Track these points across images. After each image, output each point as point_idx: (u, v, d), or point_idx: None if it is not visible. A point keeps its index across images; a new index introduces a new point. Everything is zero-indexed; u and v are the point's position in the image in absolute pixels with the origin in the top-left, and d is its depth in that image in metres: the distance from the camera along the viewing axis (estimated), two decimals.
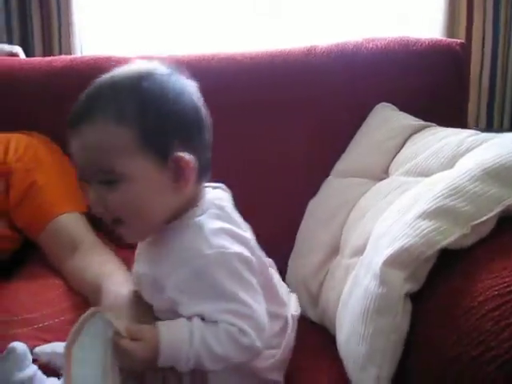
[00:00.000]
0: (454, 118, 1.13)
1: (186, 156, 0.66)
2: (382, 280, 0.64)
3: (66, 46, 1.55)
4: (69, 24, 1.56)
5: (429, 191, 0.72)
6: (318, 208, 1.07)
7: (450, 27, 1.39)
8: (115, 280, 0.87)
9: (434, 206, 0.67)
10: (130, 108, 0.64)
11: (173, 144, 0.65)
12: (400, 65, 1.15)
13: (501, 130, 1.38)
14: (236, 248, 0.66)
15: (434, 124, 1.04)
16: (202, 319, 0.64)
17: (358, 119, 1.14)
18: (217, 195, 0.72)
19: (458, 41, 1.19)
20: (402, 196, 0.80)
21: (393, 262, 0.65)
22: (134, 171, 0.64)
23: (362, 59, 1.17)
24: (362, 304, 0.67)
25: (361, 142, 1.09)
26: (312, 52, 1.19)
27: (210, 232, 0.66)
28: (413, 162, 0.92)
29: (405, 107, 1.12)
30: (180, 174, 0.66)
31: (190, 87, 0.70)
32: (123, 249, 1.00)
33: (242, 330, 0.63)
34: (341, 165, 1.10)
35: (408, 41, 1.17)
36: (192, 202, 0.69)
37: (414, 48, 1.16)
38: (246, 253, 0.67)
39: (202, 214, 0.68)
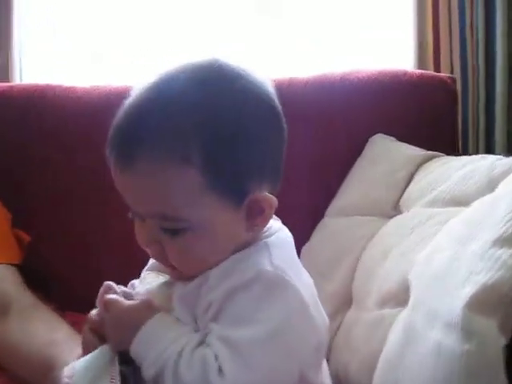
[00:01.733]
0: (447, 147, 1.05)
1: (268, 197, 0.53)
2: (468, 331, 0.48)
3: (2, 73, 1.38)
4: (7, 48, 1.38)
5: (489, 216, 0.58)
6: (314, 254, 0.91)
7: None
8: (75, 350, 0.65)
9: (511, 230, 0.53)
10: (195, 138, 0.49)
11: (251, 182, 0.52)
12: (392, 96, 1.06)
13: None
14: (298, 285, 0.52)
15: (441, 153, 0.93)
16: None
17: (351, 152, 1.02)
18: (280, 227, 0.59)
19: (447, 75, 1.15)
20: (444, 227, 0.66)
21: (479, 304, 0.48)
22: (203, 218, 0.51)
23: (351, 90, 1.07)
24: (435, 366, 0.50)
25: (361, 177, 0.96)
26: (293, 83, 1.08)
27: (276, 254, 0.53)
28: (435, 192, 0.79)
29: (399, 138, 1.02)
30: (257, 213, 0.53)
31: (270, 93, 0.54)
32: (68, 311, 0.88)
33: (221, 370, 0.48)
34: (339, 203, 0.95)
35: (397, 72, 1.11)
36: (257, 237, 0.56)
37: (405, 79, 1.08)
38: (307, 298, 0.52)
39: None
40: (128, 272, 1.02)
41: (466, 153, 1.35)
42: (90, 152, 1.01)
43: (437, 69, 1.38)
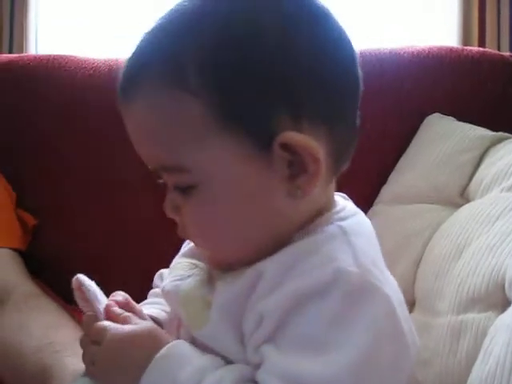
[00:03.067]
0: (509, 130, 0.92)
1: (304, 139, 0.37)
2: None
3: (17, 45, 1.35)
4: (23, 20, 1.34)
5: None
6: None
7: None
8: (79, 351, 0.53)
9: None
10: (194, 54, 0.36)
11: (279, 117, 0.36)
12: (449, 72, 0.94)
13: None
14: (389, 291, 0.37)
15: (510, 135, 0.81)
16: None
17: (404, 132, 0.89)
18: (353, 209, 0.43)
19: (507, 53, 1.02)
20: None
21: None
22: (214, 166, 0.37)
23: (403, 65, 0.94)
24: None
25: (418, 160, 0.83)
26: None
27: (360, 246, 0.38)
28: None
29: (457, 118, 0.90)
30: (299, 169, 0.37)
31: (328, 15, 0.39)
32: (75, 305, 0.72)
33: None
34: (393, 189, 0.83)
35: (453, 48, 0.99)
36: (317, 216, 0.40)
37: (464, 54, 0.96)
38: (399, 309, 0.38)
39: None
40: (142, 261, 0.92)
41: None
42: (102, 127, 0.92)
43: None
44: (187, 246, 0.48)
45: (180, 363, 0.39)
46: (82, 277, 0.46)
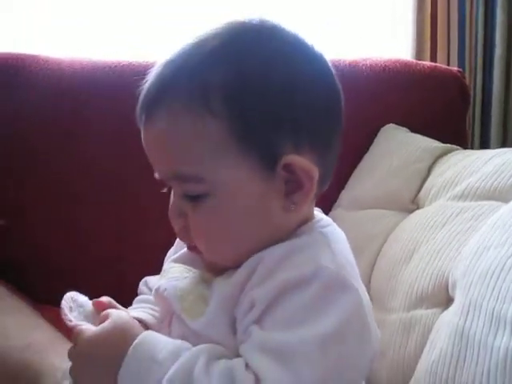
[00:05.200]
0: (459, 141, 1.00)
1: (305, 162, 0.44)
2: None
3: None
4: None
5: None
6: None
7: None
8: (60, 350, 0.57)
9: None
10: (218, 84, 0.43)
11: (284, 141, 0.44)
12: (403, 85, 1.01)
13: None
14: (359, 288, 0.44)
15: (458, 147, 0.89)
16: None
17: (361, 141, 0.96)
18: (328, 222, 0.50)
19: (456, 68, 1.10)
20: (488, 221, 0.60)
21: None
22: (224, 179, 0.44)
23: (361, 77, 1.01)
24: (507, 378, 0.43)
25: (374, 168, 0.89)
26: None
27: (337, 249, 0.45)
28: (462, 185, 0.73)
29: (410, 129, 0.97)
30: (295, 187, 0.45)
31: (318, 57, 0.47)
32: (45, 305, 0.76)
33: (259, 381, 0.40)
34: (351, 194, 0.89)
35: (407, 62, 1.06)
36: (301, 224, 0.47)
37: (417, 69, 1.03)
38: (366, 304, 0.45)
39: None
40: (114, 262, 0.94)
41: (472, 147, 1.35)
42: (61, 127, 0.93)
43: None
44: (179, 251, 0.52)
45: (156, 347, 0.43)
46: (66, 299, 0.49)
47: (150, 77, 0.45)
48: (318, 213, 0.51)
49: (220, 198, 0.44)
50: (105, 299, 0.50)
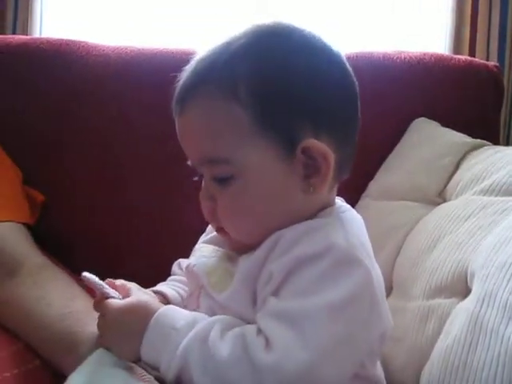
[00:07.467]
0: (491, 137, 1.00)
1: (321, 146, 0.49)
2: None
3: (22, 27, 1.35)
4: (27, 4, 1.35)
5: None
6: None
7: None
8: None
9: None
10: (244, 76, 0.48)
11: (303, 127, 0.49)
12: (437, 79, 1.02)
13: None
14: (370, 267, 0.48)
15: (488, 142, 0.89)
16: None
17: (392, 134, 0.97)
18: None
19: (492, 63, 1.10)
20: (507, 217, 0.62)
21: None
22: (250, 162, 0.49)
23: (395, 70, 1.02)
24: None
25: (403, 160, 0.91)
26: None
27: (351, 231, 0.49)
28: (488, 181, 0.74)
29: (442, 123, 0.97)
30: (313, 170, 0.49)
31: (335, 52, 0.52)
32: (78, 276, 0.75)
33: (268, 344, 0.44)
34: (381, 185, 0.91)
35: (442, 56, 1.06)
36: (319, 212, 0.52)
37: (452, 63, 1.03)
38: (376, 282, 0.49)
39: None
40: (152, 240, 0.98)
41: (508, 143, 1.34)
42: (109, 110, 0.98)
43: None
44: (209, 234, 0.57)
45: (174, 317, 0.48)
46: (86, 274, 0.54)
47: (184, 73, 0.51)
48: (337, 200, 0.55)
49: (245, 179, 0.48)
50: (118, 282, 0.55)
